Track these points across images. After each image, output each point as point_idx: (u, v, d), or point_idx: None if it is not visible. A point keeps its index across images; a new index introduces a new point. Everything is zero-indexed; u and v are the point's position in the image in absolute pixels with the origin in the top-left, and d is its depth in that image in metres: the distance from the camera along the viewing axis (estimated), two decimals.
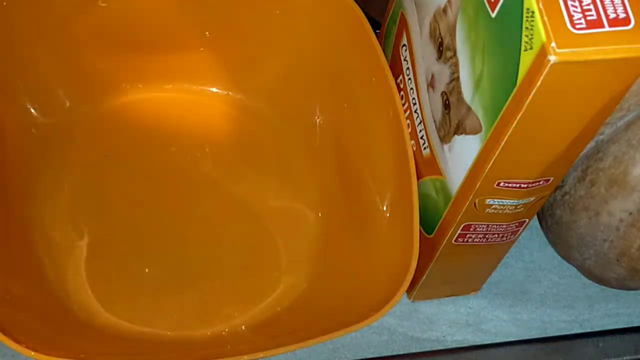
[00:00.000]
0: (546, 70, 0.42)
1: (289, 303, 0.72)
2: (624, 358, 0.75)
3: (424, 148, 0.63)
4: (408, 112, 0.66)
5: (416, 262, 0.63)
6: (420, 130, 0.64)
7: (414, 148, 0.65)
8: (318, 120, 0.76)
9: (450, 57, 0.55)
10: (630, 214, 0.64)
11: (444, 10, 0.56)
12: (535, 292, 0.77)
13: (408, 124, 0.66)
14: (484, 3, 0.48)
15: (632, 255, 0.66)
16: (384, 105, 0.67)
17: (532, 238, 0.77)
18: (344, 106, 0.73)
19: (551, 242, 0.72)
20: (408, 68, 0.65)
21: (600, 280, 0.71)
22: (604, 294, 0.77)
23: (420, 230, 0.66)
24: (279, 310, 0.72)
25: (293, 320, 0.71)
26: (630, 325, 0.76)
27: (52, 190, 0.72)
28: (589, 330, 0.76)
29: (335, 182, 0.75)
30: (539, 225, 0.73)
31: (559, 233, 0.69)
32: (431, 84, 0.60)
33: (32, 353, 0.60)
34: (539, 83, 0.43)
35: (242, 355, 0.63)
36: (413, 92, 0.65)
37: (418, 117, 0.64)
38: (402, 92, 0.67)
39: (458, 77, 0.54)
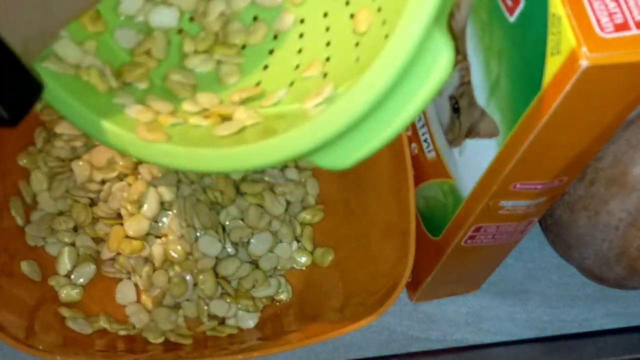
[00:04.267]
0: (577, 74, 0.42)
1: (288, 303, 0.73)
2: (624, 358, 0.75)
3: (429, 151, 0.63)
4: None
5: (412, 261, 0.63)
6: (424, 134, 0.64)
7: (416, 151, 0.65)
8: None
9: (460, 61, 0.55)
10: (630, 213, 0.64)
11: (450, 13, 0.56)
12: (535, 292, 0.77)
13: (408, 128, 0.66)
14: (499, 7, 0.48)
15: (632, 255, 0.66)
16: None
17: (532, 238, 0.77)
18: None
19: (551, 242, 0.73)
20: None
21: (600, 280, 0.71)
22: (604, 293, 0.77)
23: (425, 233, 0.66)
24: (279, 310, 0.72)
25: (293, 320, 0.71)
26: (630, 325, 0.77)
27: None
28: (588, 330, 0.76)
29: (334, 186, 0.75)
30: (538, 225, 0.74)
31: (559, 233, 0.70)
32: None
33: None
34: (568, 87, 0.43)
35: (243, 354, 0.63)
36: None
37: (420, 120, 0.64)
38: None
39: (469, 81, 0.54)
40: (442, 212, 0.62)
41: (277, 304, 0.72)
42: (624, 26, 0.43)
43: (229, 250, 0.70)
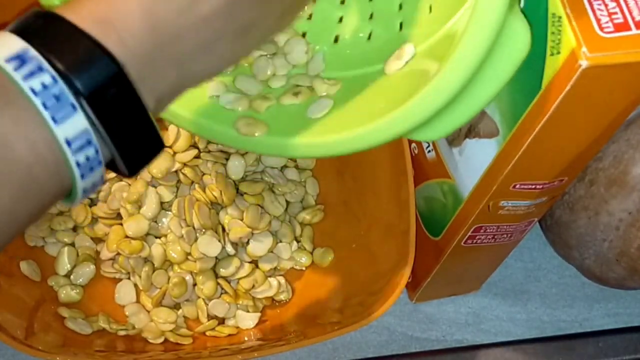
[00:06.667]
0: (577, 74, 0.42)
1: (288, 303, 0.73)
2: (624, 358, 0.75)
3: (428, 151, 0.63)
4: None
5: (412, 261, 0.63)
6: None
7: (416, 151, 0.65)
8: None
9: None
10: (630, 213, 0.64)
11: None
12: (535, 292, 0.77)
13: None
14: None
15: (632, 255, 0.66)
16: None
17: (532, 238, 0.77)
18: None
19: (551, 242, 0.73)
20: None
21: (600, 280, 0.71)
22: (604, 293, 0.77)
23: (425, 233, 0.66)
24: (279, 310, 0.72)
25: (293, 320, 0.71)
26: (630, 325, 0.77)
27: None
28: (588, 330, 0.76)
29: (334, 186, 0.75)
30: (538, 225, 0.73)
31: (559, 233, 0.70)
32: None
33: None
34: (568, 87, 0.43)
35: (243, 354, 0.63)
36: None
37: None
38: None
39: None
40: (442, 212, 0.62)
41: (277, 304, 0.72)
42: (623, 26, 0.43)
43: (229, 250, 0.70)
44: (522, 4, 0.46)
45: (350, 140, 0.47)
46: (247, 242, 0.71)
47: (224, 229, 0.70)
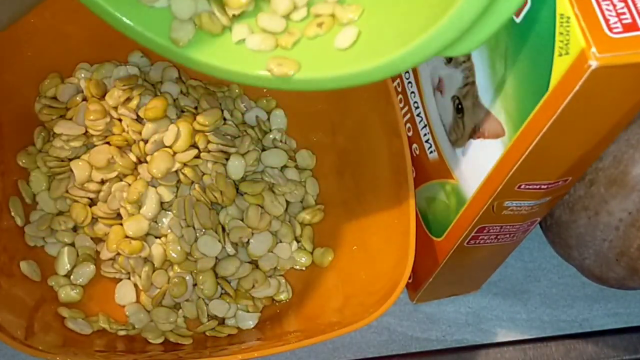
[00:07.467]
0: (586, 75, 0.42)
1: (288, 303, 0.72)
2: (624, 358, 0.75)
3: (430, 152, 0.63)
4: (409, 115, 0.66)
5: (412, 262, 0.63)
6: (425, 134, 0.64)
7: (417, 152, 0.65)
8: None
9: (463, 62, 0.55)
10: (630, 213, 0.64)
11: None
12: (535, 292, 0.77)
13: (409, 128, 0.66)
14: None
15: (632, 255, 0.66)
16: (381, 109, 0.68)
17: (532, 238, 0.77)
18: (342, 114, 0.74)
19: (550, 242, 0.73)
20: (407, 72, 0.65)
21: (600, 280, 0.71)
22: (604, 293, 0.77)
23: (427, 234, 0.66)
24: (279, 310, 0.72)
25: (293, 320, 0.71)
26: (629, 325, 0.77)
27: None
28: (588, 330, 0.76)
29: (334, 186, 0.75)
30: (538, 225, 0.73)
31: (559, 233, 0.70)
32: (439, 88, 0.60)
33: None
34: (577, 88, 0.43)
35: (243, 354, 0.63)
36: (415, 96, 0.64)
37: (422, 120, 0.64)
38: (400, 96, 0.67)
39: (473, 82, 0.54)
40: (445, 213, 0.62)
41: (277, 304, 0.72)
42: (632, 26, 0.43)
43: (229, 250, 0.70)
44: (529, 5, 0.46)
45: (391, 63, 0.46)
46: (247, 242, 0.71)
47: (224, 229, 0.70)
